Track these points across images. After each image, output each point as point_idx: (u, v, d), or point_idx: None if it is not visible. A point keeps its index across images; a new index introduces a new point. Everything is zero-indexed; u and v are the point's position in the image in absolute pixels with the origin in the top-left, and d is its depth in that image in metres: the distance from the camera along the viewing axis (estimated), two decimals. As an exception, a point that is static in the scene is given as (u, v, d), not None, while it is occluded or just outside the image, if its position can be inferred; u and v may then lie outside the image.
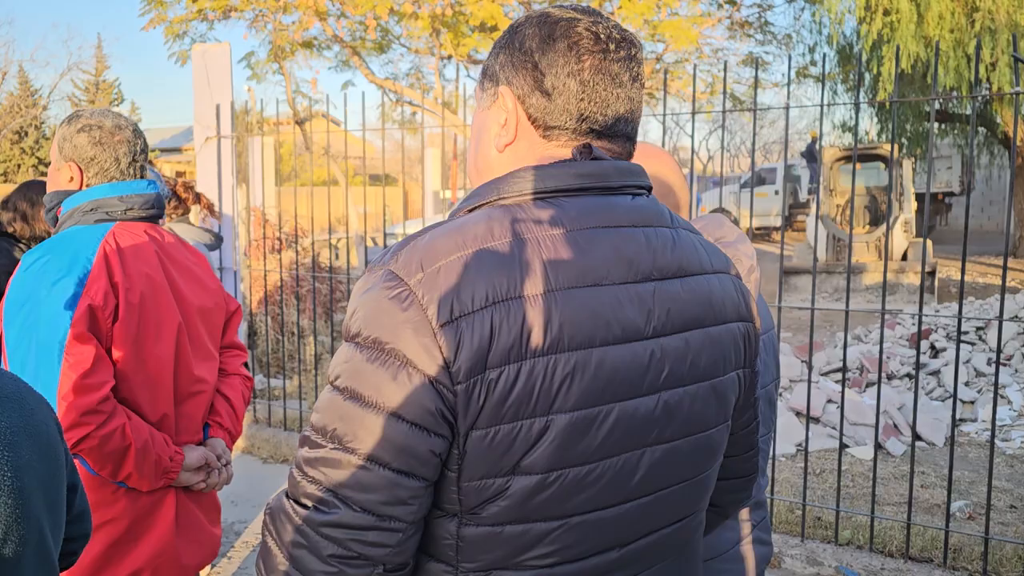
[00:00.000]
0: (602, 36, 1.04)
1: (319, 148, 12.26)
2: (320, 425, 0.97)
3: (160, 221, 2.06)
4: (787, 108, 3.88)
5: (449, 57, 13.17)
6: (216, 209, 4.19)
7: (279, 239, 7.13)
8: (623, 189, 1.06)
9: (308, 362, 6.72)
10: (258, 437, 5.41)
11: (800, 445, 5.25)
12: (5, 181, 30.88)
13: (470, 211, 1.05)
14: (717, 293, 1.10)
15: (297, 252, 5.50)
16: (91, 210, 1.86)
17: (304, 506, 0.96)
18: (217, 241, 3.92)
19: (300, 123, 10.81)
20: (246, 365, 2.28)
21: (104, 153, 1.87)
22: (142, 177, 1.96)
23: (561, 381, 0.95)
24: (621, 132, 1.08)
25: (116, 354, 1.77)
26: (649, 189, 1.10)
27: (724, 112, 4.12)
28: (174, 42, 12.11)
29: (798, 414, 5.59)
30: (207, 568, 3.42)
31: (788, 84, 3.84)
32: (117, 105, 39.45)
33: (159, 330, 1.85)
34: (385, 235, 6.64)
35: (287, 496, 0.99)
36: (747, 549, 1.63)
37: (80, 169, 1.88)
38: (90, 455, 1.70)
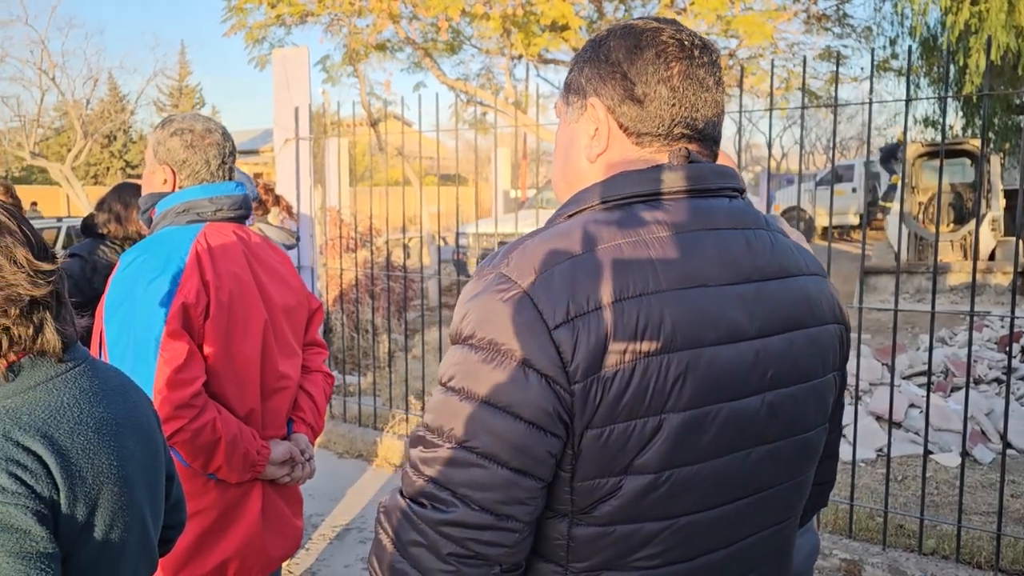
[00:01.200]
0: (686, 43, 1.07)
1: (392, 149, 12.45)
2: (436, 425, 0.99)
3: (247, 221, 2.13)
4: (870, 103, 3.77)
5: (519, 57, 13.20)
6: (294, 210, 4.31)
7: (353, 239, 7.27)
8: (720, 191, 1.08)
9: (381, 359, 6.84)
10: (334, 432, 5.52)
11: (880, 450, 5.09)
12: (95, 183, 32.32)
13: (570, 216, 1.07)
14: (815, 294, 1.11)
15: (372, 251, 5.60)
16: (183, 211, 1.93)
17: (421, 505, 0.98)
18: (296, 241, 4.02)
19: (374, 124, 11.00)
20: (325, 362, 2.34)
21: (195, 156, 1.94)
22: (230, 179, 2.03)
23: (674, 380, 0.97)
24: (709, 135, 1.10)
25: (207, 350, 1.83)
26: (742, 191, 1.12)
27: (803, 109, 4.03)
28: (253, 47, 12.49)
29: (878, 418, 5.42)
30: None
31: (871, 78, 3.73)
32: (199, 109, 40.81)
33: (247, 327, 1.91)
34: (457, 235, 6.70)
35: (402, 495, 1.01)
36: None
37: (173, 172, 1.95)
38: (183, 447, 1.76)
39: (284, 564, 3.61)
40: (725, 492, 1.04)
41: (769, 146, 4.44)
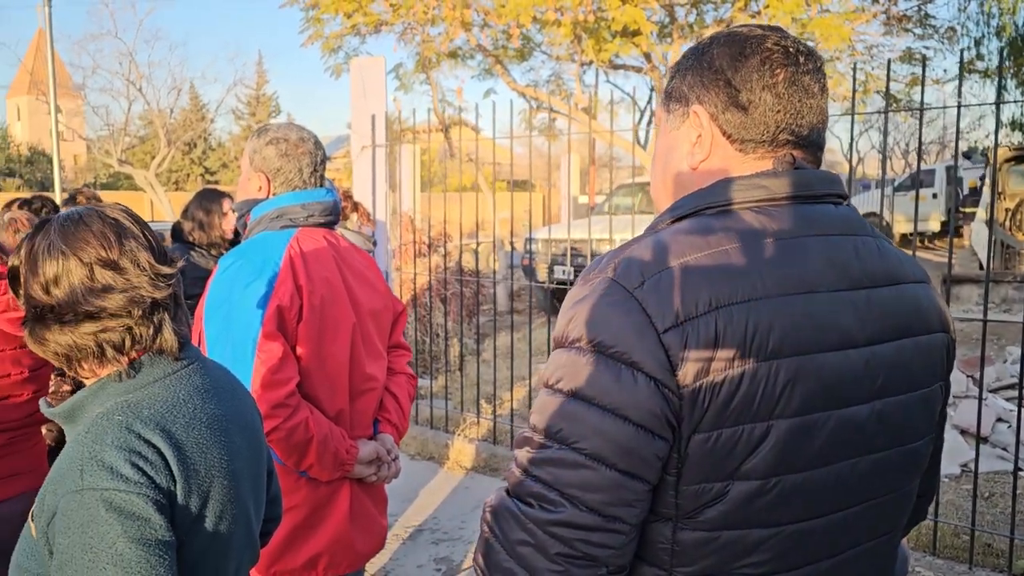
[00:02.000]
0: (791, 49, 1.07)
1: (463, 155, 12.61)
2: (544, 426, 1.00)
3: (335, 227, 2.19)
4: (959, 107, 3.65)
5: (589, 63, 13.20)
6: (371, 217, 4.40)
7: (425, 243, 7.38)
8: (826, 198, 1.08)
9: (452, 363, 6.92)
10: (406, 434, 5.60)
11: (966, 466, 4.91)
12: (177, 189, 33.52)
13: (673, 223, 1.08)
14: (924, 302, 1.10)
15: (445, 256, 5.68)
16: (277, 217, 2.01)
17: (529, 504, 0.99)
18: (373, 246, 4.11)
19: (446, 131, 11.14)
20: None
21: (289, 164, 2.01)
22: (321, 185, 2.10)
23: (783, 386, 0.96)
24: (814, 142, 1.10)
25: (300, 352, 1.90)
26: (846, 197, 1.11)
27: (887, 113, 3.93)
28: (329, 56, 12.81)
29: (963, 432, 5.23)
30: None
31: (960, 80, 3.61)
32: (274, 117, 41.91)
33: (337, 330, 1.97)
34: (529, 240, 6.74)
35: (509, 494, 1.02)
36: None
37: (268, 179, 2.03)
38: (278, 445, 1.83)
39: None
40: (832, 501, 1.03)
41: (852, 151, 4.35)
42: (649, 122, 16.49)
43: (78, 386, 1.75)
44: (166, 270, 1.21)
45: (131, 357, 1.20)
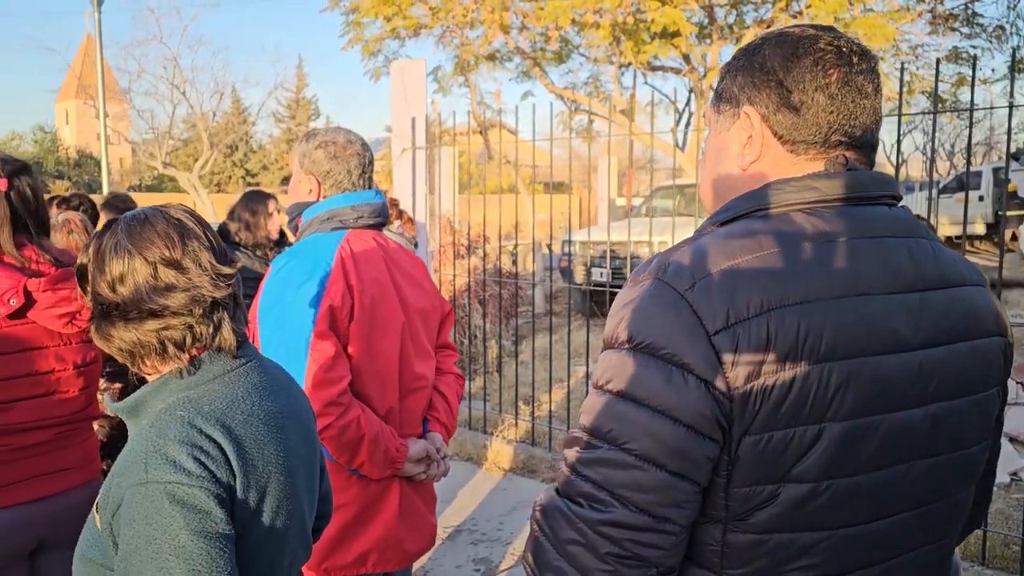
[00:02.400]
0: (844, 50, 1.06)
1: (500, 157, 12.64)
2: (593, 427, 1.00)
3: (383, 228, 2.22)
4: (1010, 107, 3.57)
5: (628, 65, 13.16)
6: (413, 220, 4.44)
7: (464, 245, 7.41)
8: (880, 199, 1.07)
9: (490, 364, 6.94)
10: (445, 435, 5.64)
11: (1015, 474, 4.81)
12: (218, 191, 34.08)
13: (721, 225, 1.07)
14: (980, 305, 1.09)
15: (484, 257, 5.70)
16: (327, 219, 2.04)
17: (579, 504, 0.99)
18: (415, 248, 4.15)
19: (484, 133, 11.18)
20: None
21: (338, 166, 2.05)
22: (370, 187, 2.13)
23: (836, 389, 0.96)
24: (867, 143, 1.09)
25: (351, 351, 1.92)
26: (900, 198, 1.10)
27: (935, 113, 3.86)
28: (369, 59, 12.94)
29: (1013, 440, 5.12)
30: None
31: (1012, 79, 3.54)
32: (314, 120, 42.40)
33: (387, 329, 1.99)
34: (568, 242, 6.74)
35: (559, 493, 1.03)
36: None
37: (318, 181, 2.06)
38: (330, 443, 1.86)
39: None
40: (885, 505, 1.02)
41: (899, 153, 4.27)
42: (688, 124, 16.38)
43: (129, 384, 1.78)
44: (226, 270, 1.24)
45: (191, 354, 1.23)
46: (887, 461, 1.00)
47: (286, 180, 39.14)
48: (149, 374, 1.27)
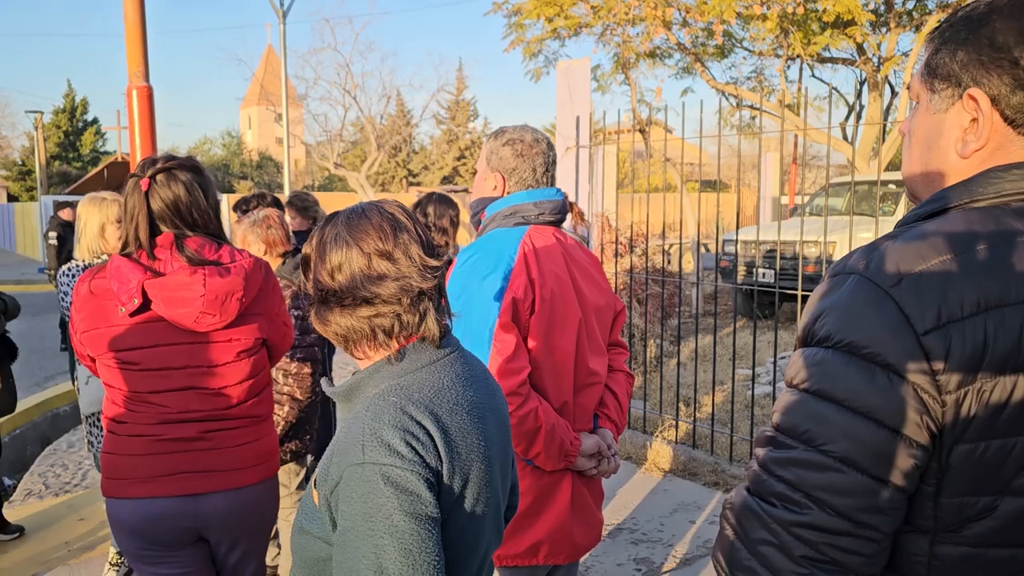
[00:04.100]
0: None
1: (658, 155, 12.48)
2: (788, 426, 0.97)
3: (562, 225, 2.25)
4: None
5: (795, 57, 12.62)
6: (585, 216, 4.47)
7: (623, 243, 7.38)
8: None
9: (649, 364, 6.87)
10: (603, 433, 5.64)
11: None
12: (383, 190, 35.71)
13: (931, 216, 1.01)
14: None
15: (646, 256, 5.66)
16: (510, 214, 2.09)
17: (772, 504, 0.97)
18: (587, 246, 4.18)
19: (642, 131, 11.07)
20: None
21: (524, 164, 2.10)
22: (552, 185, 2.17)
23: None
24: None
25: (531, 344, 1.97)
26: None
27: None
28: (530, 61, 13.12)
29: None
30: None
31: None
32: (473, 120, 43.52)
33: (564, 324, 2.02)
34: (724, 242, 6.56)
35: (750, 493, 1.01)
36: None
37: (503, 178, 2.12)
38: (509, 432, 1.91)
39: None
40: None
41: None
42: (859, 117, 15.48)
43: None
44: (433, 262, 1.30)
45: (399, 343, 1.31)
46: None
47: (446, 180, 40.45)
48: (360, 359, 1.35)
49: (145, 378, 2.09)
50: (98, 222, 3.38)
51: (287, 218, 4.16)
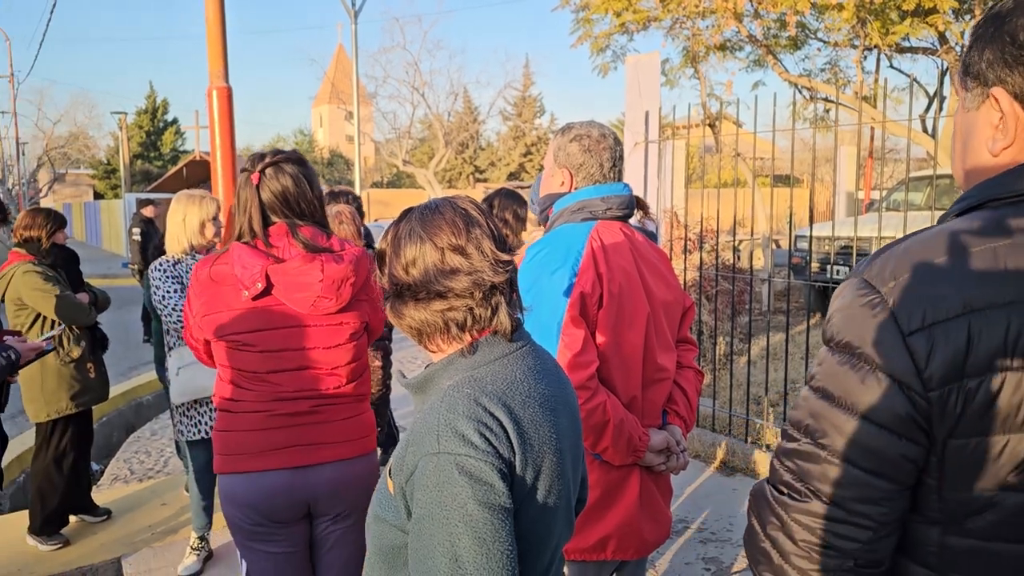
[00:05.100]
0: None
1: (727, 150, 12.28)
2: (795, 420, 1.04)
3: (628, 221, 2.25)
4: None
5: (871, 48, 12.22)
6: (652, 211, 4.43)
7: (692, 240, 7.29)
8: None
9: (718, 361, 6.78)
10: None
11: None
12: (450, 187, 36.03)
13: (959, 215, 1.02)
14: None
15: (716, 252, 5.58)
16: (578, 209, 2.10)
17: (780, 492, 1.04)
18: (655, 241, 4.15)
19: (712, 125, 10.91)
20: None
21: (591, 159, 2.10)
22: (619, 180, 2.16)
23: None
24: None
25: (599, 338, 1.97)
26: None
27: None
28: (597, 56, 13.02)
29: None
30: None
31: None
32: (539, 116, 43.51)
33: (633, 319, 2.02)
34: (797, 238, 6.41)
35: (768, 481, 1.08)
36: None
37: (571, 174, 2.13)
38: (578, 426, 1.92)
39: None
40: None
41: None
42: (941, 108, 14.93)
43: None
44: (505, 257, 1.32)
45: (472, 336, 1.33)
46: None
47: (512, 176, 40.55)
48: (433, 351, 1.38)
49: (262, 359, 2.21)
50: (199, 219, 3.53)
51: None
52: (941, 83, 14.33)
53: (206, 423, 3.65)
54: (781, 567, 1.03)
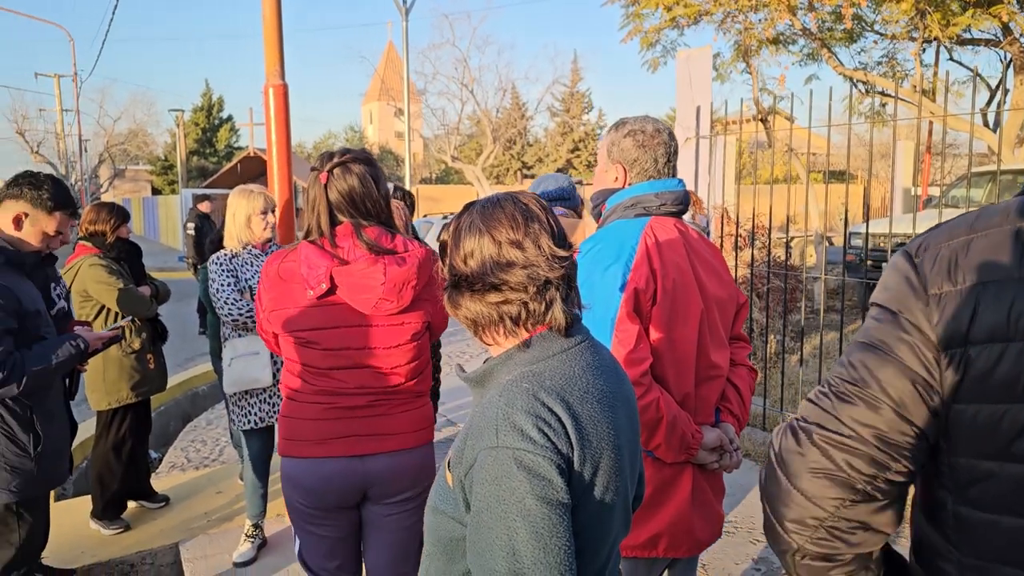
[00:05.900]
0: None
1: (780, 145, 12.06)
2: (838, 368, 1.14)
3: (681, 217, 2.23)
4: None
5: (931, 40, 11.89)
6: (704, 206, 4.40)
7: (743, 236, 7.20)
8: None
9: (770, 359, 6.68)
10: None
11: None
12: (497, 182, 36.09)
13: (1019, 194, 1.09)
14: None
15: (768, 249, 5.50)
16: (632, 205, 2.09)
17: (807, 422, 1.14)
18: (707, 236, 4.12)
19: (764, 120, 10.73)
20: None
21: (645, 155, 2.09)
22: (673, 176, 2.15)
23: None
24: None
25: (653, 334, 1.96)
26: None
27: None
28: (647, 51, 12.91)
29: None
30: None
31: None
32: (587, 112, 43.30)
33: (686, 315, 2.01)
34: (850, 235, 6.28)
35: (796, 419, 1.17)
36: None
37: (624, 169, 2.12)
38: (631, 422, 1.91)
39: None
40: None
41: None
42: (1004, 101, 14.45)
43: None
44: (562, 252, 1.33)
45: (528, 331, 1.33)
46: None
47: (559, 172, 40.42)
48: (488, 344, 1.39)
49: (324, 356, 2.26)
50: (245, 214, 3.61)
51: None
52: (1004, 75, 13.89)
53: (255, 413, 3.73)
54: (788, 490, 1.12)
